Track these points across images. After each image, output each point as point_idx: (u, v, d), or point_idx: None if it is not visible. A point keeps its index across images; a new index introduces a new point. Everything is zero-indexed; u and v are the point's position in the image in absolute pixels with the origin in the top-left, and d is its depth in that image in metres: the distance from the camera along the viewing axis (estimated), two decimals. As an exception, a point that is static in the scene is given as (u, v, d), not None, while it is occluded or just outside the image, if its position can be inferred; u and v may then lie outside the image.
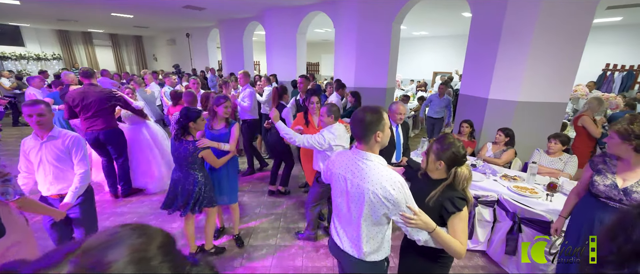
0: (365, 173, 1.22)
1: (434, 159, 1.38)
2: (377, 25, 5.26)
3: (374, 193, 1.19)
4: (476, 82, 4.11)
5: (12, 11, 7.96)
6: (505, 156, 3.27)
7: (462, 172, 1.32)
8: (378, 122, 1.23)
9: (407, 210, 1.19)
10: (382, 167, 1.22)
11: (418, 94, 9.14)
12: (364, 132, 1.24)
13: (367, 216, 1.24)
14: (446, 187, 1.32)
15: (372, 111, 1.24)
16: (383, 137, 1.25)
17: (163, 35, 13.73)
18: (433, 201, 1.32)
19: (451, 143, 1.34)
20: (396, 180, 1.18)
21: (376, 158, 1.25)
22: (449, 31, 10.38)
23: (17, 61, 11.00)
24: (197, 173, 2.26)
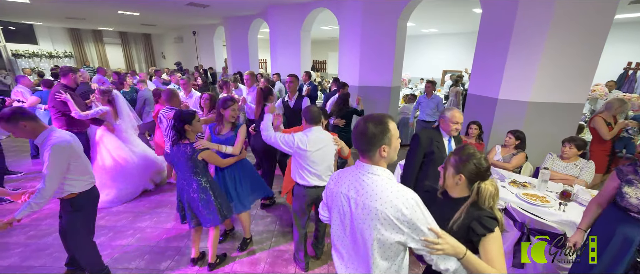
0: (372, 189, 1.03)
1: (452, 173, 1.19)
2: (382, 21, 5.08)
3: (384, 214, 0.99)
4: (485, 81, 3.90)
5: (23, 9, 8.12)
6: (515, 160, 3.07)
7: (486, 188, 1.12)
8: (382, 135, 1.04)
9: (429, 233, 0.98)
10: (392, 183, 1.04)
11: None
12: (367, 146, 1.06)
13: (378, 244, 1.03)
14: (470, 206, 1.14)
15: (375, 122, 1.05)
16: (390, 151, 1.07)
17: (170, 33, 13.84)
18: (457, 225, 1.13)
19: (471, 154, 1.16)
20: (409, 197, 0.99)
21: (383, 172, 1.07)
22: (459, 28, 10.06)
23: (30, 59, 11.27)
24: (200, 178, 2.12)
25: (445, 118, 2.21)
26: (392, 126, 1.08)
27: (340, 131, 3.82)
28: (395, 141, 1.09)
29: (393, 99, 5.60)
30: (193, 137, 2.15)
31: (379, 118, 1.08)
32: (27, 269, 2.43)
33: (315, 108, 2.14)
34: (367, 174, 1.07)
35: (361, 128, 1.06)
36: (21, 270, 2.43)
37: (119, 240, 2.83)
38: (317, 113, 2.11)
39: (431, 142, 2.18)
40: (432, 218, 1.02)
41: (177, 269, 2.45)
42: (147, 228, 3.03)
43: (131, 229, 3.01)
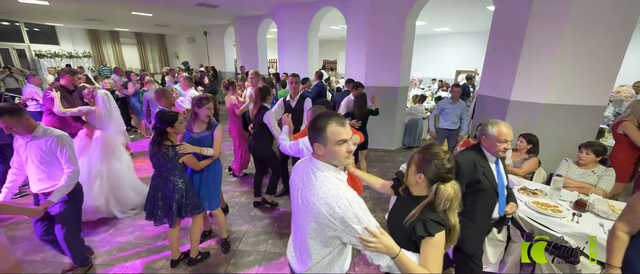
0: (313, 185, 1.07)
1: (414, 171, 1.21)
2: (389, 19, 4.94)
3: (318, 210, 1.03)
4: (497, 81, 3.71)
5: (44, 11, 8.48)
6: (527, 165, 2.88)
7: (444, 191, 1.10)
8: (318, 133, 1.05)
9: (364, 231, 1.02)
10: (331, 181, 1.05)
11: (438, 94, 8.64)
12: (309, 139, 1.11)
13: (314, 235, 1.09)
14: (425, 207, 1.13)
15: (320, 118, 1.06)
16: (325, 152, 1.06)
17: (183, 33, 14.13)
18: (410, 223, 1.14)
19: (435, 154, 1.16)
20: (344, 197, 1.01)
21: (328, 170, 1.09)
22: (473, 27, 9.72)
23: (51, 59, 11.78)
24: (177, 179, 2.13)
25: (489, 136, 1.69)
26: (331, 129, 1.03)
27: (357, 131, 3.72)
28: (333, 147, 1.04)
29: (401, 100, 5.44)
30: (175, 138, 2.13)
31: (326, 116, 1.07)
32: (28, 263, 2.49)
33: (323, 109, 2.01)
34: (314, 168, 1.10)
35: (312, 120, 1.09)
36: (23, 263, 2.49)
37: (118, 237, 2.86)
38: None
39: (475, 168, 1.70)
40: (369, 217, 1.03)
41: (171, 269, 2.44)
42: (147, 226, 3.04)
43: (131, 227, 3.03)
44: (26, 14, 9.38)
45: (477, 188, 1.70)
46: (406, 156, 5.45)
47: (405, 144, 5.94)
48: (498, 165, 1.79)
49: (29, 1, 6.73)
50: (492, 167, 1.76)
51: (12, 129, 1.78)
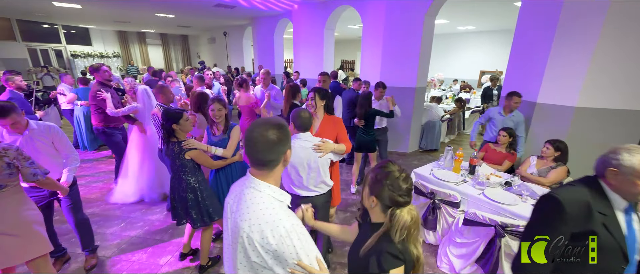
0: (247, 207, 0.92)
1: (367, 193, 1.03)
2: (407, 17, 4.75)
3: (250, 238, 0.88)
4: (522, 82, 3.43)
5: (77, 14, 9.06)
6: (554, 174, 2.62)
7: (400, 217, 0.94)
8: (287, 139, 0.98)
9: (297, 268, 0.89)
10: (269, 203, 0.91)
11: (459, 96, 8.24)
12: (271, 155, 0.97)
13: (246, 261, 0.93)
14: (383, 236, 0.97)
15: (276, 126, 0.96)
16: (289, 156, 1.00)
17: (204, 34, 14.58)
18: (364, 253, 0.99)
19: (388, 173, 0.98)
20: (281, 225, 0.87)
21: (267, 189, 0.94)
22: (498, 25, 9.19)
23: (85, 59, 12.58)
24: (189, 178, 2.10)
25: (624, 169, 1.09)
26: (288, 127, 1.01)
27: (361, 132, 3.63)
28: (291, 144, 1.03)
29: (417, 101, 5.22)
30: (182, 136, 2.11)
31: (277, 122, 0.97)
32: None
33: (306, 113, 1.89)
34: (249, 188, 0.95)
35: (262, 136, 0.92)
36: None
37: (129, 231, 2.94)
38: (307, 119, 1.87)
39: (589, 213, 1.14)
40: (308, 249, 0.91)
41: (175, 265, 2.46)
42: (156, 221, 3.11)
43: (141, 221, 3.10)
44: (63, 17, 10.07)
45: (584, 244, 1.15)
46: (422, 159, 5.22)
47: (422, 147, 5.70)
48: (630, 214, 1.17)
49: (62, 4, 7.19)
50: (620, 217, 1.16)
51: (16, 126, 1.87)
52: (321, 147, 1.88)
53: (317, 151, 1.88)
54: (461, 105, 6.40)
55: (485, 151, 3.27)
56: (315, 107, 2.19)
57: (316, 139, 1.92)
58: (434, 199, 2.55)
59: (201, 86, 4.18)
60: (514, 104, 3.25)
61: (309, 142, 1.88)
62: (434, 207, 2.59)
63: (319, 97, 2.22)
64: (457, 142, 6.45)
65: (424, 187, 2.64)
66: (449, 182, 2.60)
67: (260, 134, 0.92)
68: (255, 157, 0.94)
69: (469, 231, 2.30)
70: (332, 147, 1.94)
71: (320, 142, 1.90)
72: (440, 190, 2.50)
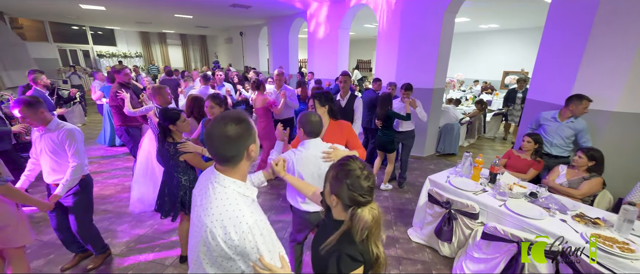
0: (210, 202, 0.89)
1: (328, 191, 1.01)
2: (424, 15, 4.54)
3: (212, 234, 0.85)
4: (551, 84, 3.16)
5: (103, 16, 9.47)
6: (587, 186, 2.37)
7: (361, 217, 0.92)
8: (248, 133, 0.93)
9: (259, 263, 0.88)
10: (233, 200, 0.89)
11: (480, 97, 7.86)
12: (232, 151, 0.94)
13: (208, 258, 0.90)
14: (343, 234, 0.95)
15: (235, 120, 0.90)
16: (256, 148, 0.96)
17: (222, 34, 14.86)
18: (326, 251, 0.97)
19: (348, 171, 0.95)
20: (245, 221, 0.86)
21: (232, 184, 0.92)
22: (525, 23, 8.67)
23: (109, 58, 13.17)
24: (180, 176, 2.13)
25: None
26: (251, 120, 0.95)
27: (380, 132, 3.65)
28: (256, 137, 0.97)
29: (435, 103, 4.98)
30: (178, 137, 2.10)
31: (236, 116, 0.92)
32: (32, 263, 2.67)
33: (316, 117, 1.71)
34: (214, 183, 0.92)
35: (221, 131, 0.88)
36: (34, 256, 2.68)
37: (138, 229, 2.96)
38: (318, 123, 1.70)
39: None
40: (272, 245, 0.91)
41: (181, 267, 2.44)
42: (166, 221, 3.10)
43: (151, 220, 3.13)
44: (90, 19, 10.57)
45: None
46: (439, 164, 4.98)
47: (439, 150, 5.45)
48: None
49: (88, 7, 7.52)
50: None
51: (27, 120, 1.87)
52: (331, 155, 1.70)
53: (327, 159, 1.69)
54: (482, 107, 6.07)
55: (508, 157, 3.03)
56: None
57: (325, 146, 1.76)
58: (449, 208, 2.38)
59: (206, 85, 4.20)
60: (582, 108, 2.67)
61: (318, 151, 1.72)
62: (449, 217, 2.42)
63: (319, 104, 2.07)
64: (477, 146, 6.13)
65: (439, 196, 2.47)
66: (467, 191, 2.41)
67: (218, 130, 0.88)
68: (215, 153, 0.91)
69: (488, 246, 2.11)
70: (342, 154, 1.73)
71: (330, 149, 1.73)
72: (457, 200, 2.33)
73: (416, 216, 2.94)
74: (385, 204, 3.53)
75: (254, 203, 0.96)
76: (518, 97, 5.84)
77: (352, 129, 2.07)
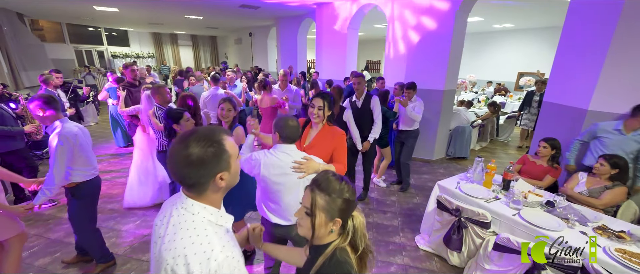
0: (173, 233, 0.75)
1: (325, 220, 0.90)
2: (436, 14, 4.41)
3: (172, 269, 0.71)
4: (570, 86, 3.00)
5: (116, 17, 9.69)
6: (609, 196, 2.22)
7: (360, 224, 0.94)
8: (217, 159, 0.78)
9: None
10: (202, 230, 0.75)
11: (493, 99, 7.64)
12: (193, 178, 0.79)
13: None
14: (328, 259, 0.90)
15: (203, 141, 0.76)
16: (229, 177, 0.82)
17: (231, 35, 14.98)
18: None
19: (340, 190, 0.90)
20: (213, 258, 0.72)
21: (203, 211, 0.79)
22: (542, 22, 8.36)
23: (123, 59, 13.49)
24: None
25: None
26: (229, 143, 0.81)
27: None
28: (236, 163, 0.83)
29: (445, 105, 4.84)
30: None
31: (206, 135, 0.77)
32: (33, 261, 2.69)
33: (294, 122, 1.56)
34: (181, 209, 0.78)
35: (181, 153, 0.75)
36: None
37: (143, 229, 2.97)
38: (295, 129, 1.55)
39: None
40: None
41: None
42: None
43: (156, 220, 3.13)
44: (105, 20, 10.85)
45: None
46: (449, 168, 4.83)
47: (450, 154, 5.29)
48: None
49: (102, 8, 7.70)
50: None
51: (38, 116, 1.87)
52: (302, 166, 1.53)
53: (297, 170, 1.53)
54: (495, 109, 5.86)
55: (523, 163, 2.89)
56: (322, 118, 1.86)
57: (299, 155, 1.58)
58: (459, 216, 2.27)
59: (216, 86, 4.20)
60: (634, 122, 2.42)
61: (289, 157, 1.55)
62: (459, 225, 2.31)
63: (328, 107, 1.86)
64: (489, 150, 5.92)
65: (448, 203, 2.36)
66: (478, 198, 2.30)
67: (178, 150, 0.75)
68: (174, 176, 0.77)
69: (500, 258, 1.99)
70: (315, 166, 1.56)
71: (303, 160, 1.55)
72: (468, 207, 2.21)
73: (424, 223, 2.84)
74: (392, 209, 3.43)
75: (227, 234, 0.83)
76: (535, 100, 5.54)
77: (343, 140, 1.85)
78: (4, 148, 2.96)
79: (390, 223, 3.14)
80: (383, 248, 2.73)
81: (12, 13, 8.47)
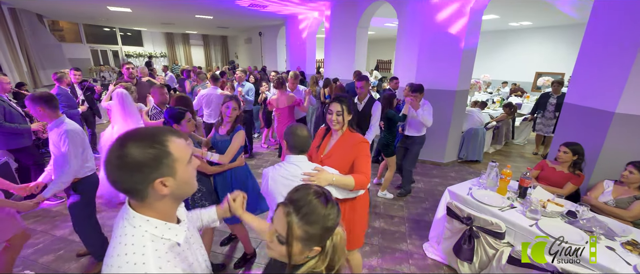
0: (112, 248, 0.68)
1: (300, 249, 0.77)
2: (449, 10, 4.23)
3: None
4: (594, 86, 2.78)
5: (130, 17, 9.88)
6: (638, 207, 2.02)
7: (339, 242, 0.82)
8: (155, 162, 0.68)
9: None
10: (139, 246, 0.66)
11: (508, 100, 7.34)
12: (128, 183, 0.70)
13: None
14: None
15: (142, 142, 0.67)
16: (175, 185, 0.71)
17: (242, 34, 15.07)
18: None
19: (319, 213, 0.78)
20: (147, 271, 0.64)
21: (145, 224, 0.70)
22: (564, 19, 7.95)
23: (136, 58, 13.80)
24: None
25: None
26: (176, 145, 0.70)
27: (381, 133, 3.46)
28: (184, 169, 0.72)
29: (458, 106, 4.64)
30: (186, 138, 1.99)
31: (150, 134, 0.68)
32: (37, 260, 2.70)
33: (304, 131, 1.45)
34: (123, 219, 0.71)
35: (115, 152, 0.65)
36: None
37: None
38: (304, 139, 1.44)
39: None
40: None
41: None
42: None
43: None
44: (120, 20, 11.10)
45: None
46: (460, 171, 4.64)
47: (462, 157, 5.09)
48: None
49: (116, 9, 7.85)
50: None
51: (38, 113, 1.89)
52: (313, 178, 1.38)
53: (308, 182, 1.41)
54: (511, 111, 5.60)
55: (541, 168, 2.70)
56: (342, 124, 1.72)
57: (309, 166, 1.45)
58: (471, 225, 2.12)
59: (214, 86, 4.18)
60: None
61: (299, 169, 1.43)
62: (470, 234, 2.16)
63: (348, 111, 1.71)
64: (504, 153, 5.67)
65: (459, 210, 2.21)
66: (492, 206, 2.14)
67: (113, 149, 0.65)
68: (108, 179, 0.68)
69: (516, 271, 1.84)
70: (328, 178, 1.41)
71: (313, 171, 1.42)
72: (480, 216, 2.07)
73: (433, 230, 2.69)
74: (400, 214, 3.29)
75: (172, 251, 0.72)
76: (550, 103, 5.05)
77: (365, 148, 1.68)
78: (12, 145, 3.01)
79: (397, 229, 3.01)
80: (389, 256, 2.61)
81: (32, 14, 8.78)
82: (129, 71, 3.82)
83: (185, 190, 0.76)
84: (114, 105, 3.05)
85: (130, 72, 3.83)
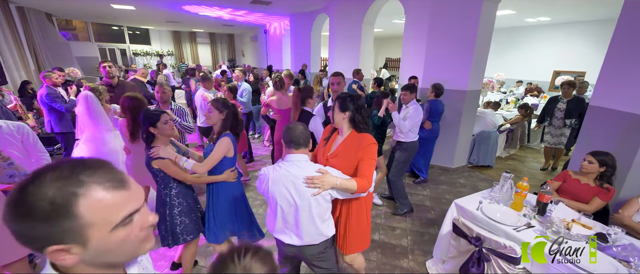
0: None
1: None
2: (460, 4, 3.92)
3: None
4: (625, 87, 2.44)
5: (135, 15, 9.87)
6: (684, 231, 1.71)
7: None
8: (53, 223, 0.45)
9: None
10: None
11: (524, 101, 6.91)
12: (32, 242, 0.49)
13: None
14: None
15: (54, 182, 0.46)
16: (87, 253, 0.49)
17: (247, 32, 14.97)
18: None
19: None
20: None
21: None
22: (585, 15, 7.43)
23: (144, 57, 13.89)
24: (162, 189, 1.83)
25: None
26: (91, 203, 0.46)
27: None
28: (105, 236, 0.48)
29: (468, 107, 4.32)
30: (164, 142, 1.80)
31: (54, 178, 0.45)
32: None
33: (300, 127, 1.43)
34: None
35: (21, 193, 0.45)
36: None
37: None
38: (300, 134, 1.42)
39: None
40: None
41: (167, 269, 2.30)
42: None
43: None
44: (126, 19, 11.14)
45: None
46: (470, 178, 4.32)
47: (472, 162, 4.76)
48: None
49: (119, 6, 7.81)
50: None
51: None
52: (316, 180, 1.35)
53: (311, 186, 1.36)
54: (526, 112, 5.22)
55: (563, 179, 2.38)
56: (342, 123, 1.70)
57: (312, 168, 1.41)
58: (480, 247, 1.85)
59: (204, 87, 4.02)
60: None
61: (301, 171, 1.39)
62: (480, 257, 1.89)
63: (339, 109, 1.66)
64: (518, 158, 5.30)
65: (467, 229, 1.94)
66: (505, 225, 1.87)
67: (22, 188, 0.45)
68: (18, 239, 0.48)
69: (533, 306, 1.57)
70: (332, 181, 1.38)
71: (318, 173, 1.39)
72: (491, 237, 1.79)
73: (438, 246, 2.42)
74: (402, 225, 3.03)
75: None
76: (559, 108, 4.23)
77: (372, 150, 1.60)
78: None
79: (398, 243, 2.75)
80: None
81: (41, 13, 8.86)
82: (107, 70, 3.64)
83: (116, 259, 0.53)
84: (78, 109, 2.68)
85: (108, 71, 3.66)
